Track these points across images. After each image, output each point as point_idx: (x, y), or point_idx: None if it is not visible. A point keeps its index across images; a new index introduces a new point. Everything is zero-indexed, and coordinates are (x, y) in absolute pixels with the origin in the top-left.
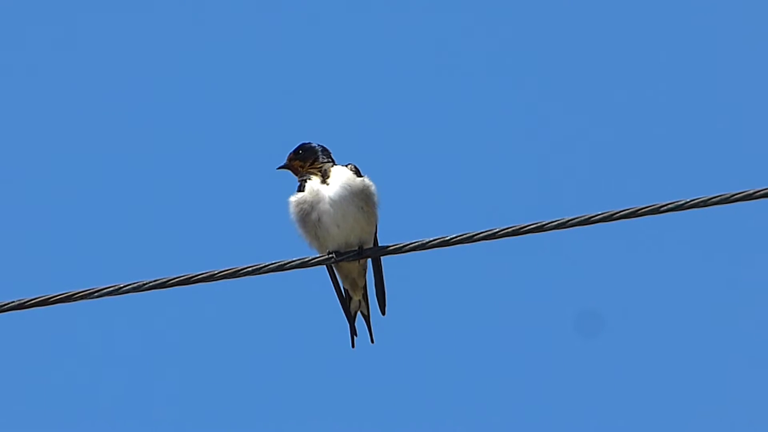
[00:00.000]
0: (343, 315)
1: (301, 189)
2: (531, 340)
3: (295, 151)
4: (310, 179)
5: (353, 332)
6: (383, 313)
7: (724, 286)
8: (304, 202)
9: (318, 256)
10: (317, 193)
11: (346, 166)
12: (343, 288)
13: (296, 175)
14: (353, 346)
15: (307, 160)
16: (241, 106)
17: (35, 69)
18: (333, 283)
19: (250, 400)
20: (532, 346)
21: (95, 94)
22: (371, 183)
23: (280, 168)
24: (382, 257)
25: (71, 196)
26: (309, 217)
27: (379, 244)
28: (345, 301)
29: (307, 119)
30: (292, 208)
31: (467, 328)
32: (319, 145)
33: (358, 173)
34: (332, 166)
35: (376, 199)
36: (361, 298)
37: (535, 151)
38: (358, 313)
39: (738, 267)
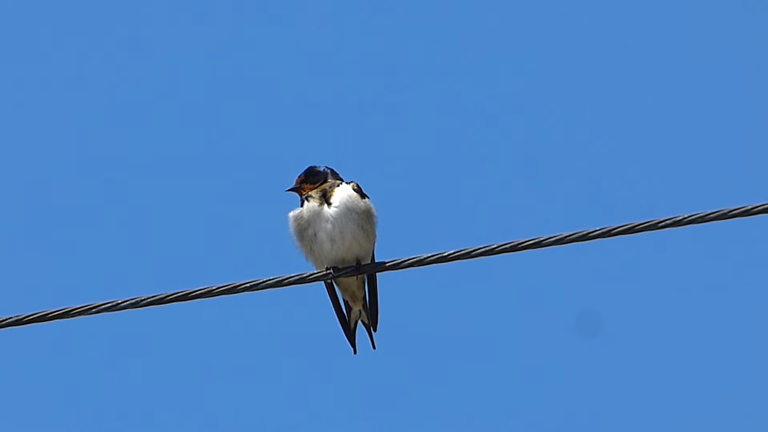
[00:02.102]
0: (341, 328)
1: (302, 205)
2: (529, 354)
3: (305, 174)
4: (312, 197)
5: (353, 343)
6: (375, 329)
7: (719, 297)
8: (301, 218)
9: (316, 271)
10: (316, 211)
11: (349, 183)
12: (343, 299)
13: (300, 196)
14: (355, 352)
15: (316, 183)
16: (241, 123)
17: (38, 77)
18: (330, 296)
19: (248, 414)
20: (529, 360)
21: (96, 109)
22: (372, 205)
23: (289, 190)
24: (378, 273)
25: (70, 213)
26: (306, 232)
27: (377, 260)
28: (344, 312)
29: (306, 135)
30: (290, 223)
31: (465, 343)
32: (327, 167)
33: (360, 192)
34: (338, 185)
35: (375, 219)
36: (361, 308)
37: (532, 167)
38: (359, 322)
39: (734, 281)
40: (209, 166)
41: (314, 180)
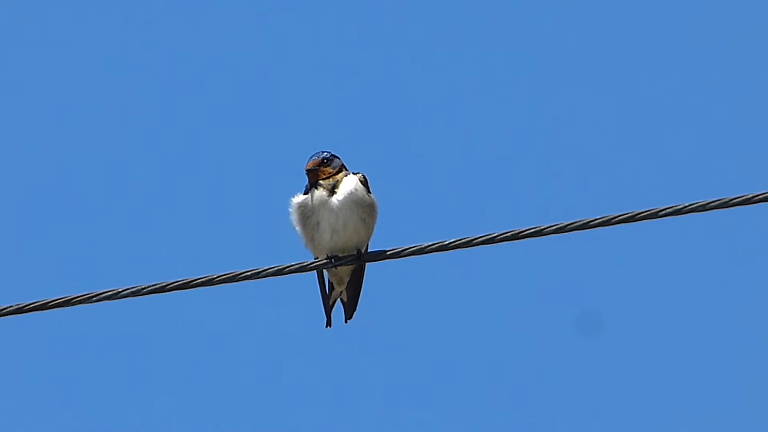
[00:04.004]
0: (321, 303)
1: (306, 192)
2: (529, 343)
3: (324, 159)
4: (321, 186)
5: (329, 319)
6: (346, 321)
7: (720, 288)
8: (306, 206)
9: (317, 260)
10: (322, 200)
11: (356, 174)
12: (329, 281)
13: (312, 180)
14: (328, 325)
15: (331, 171)
16: (240, 111)
17: (35, 70)
18: (317, 274)
19: (249, 401)
20: (530, 348)
21: (95, 96)
22: (375, 199)
23: (308, 171)
24: (372, 263)
25: (70, 200)
26: (309, 221)
27: (370, 248)
28: (327, 290)
29: (306, 125)
30: (293, 208)
31: (465, 331)
32: (335, 154)
33: (366, 184)
34: (345, 175)
35: (377, 212)
36: (344, 289)
37: (533, 156)
38: (338, 300)
39: (735, 270)
40: (209, 156)
41: (333, 165)
